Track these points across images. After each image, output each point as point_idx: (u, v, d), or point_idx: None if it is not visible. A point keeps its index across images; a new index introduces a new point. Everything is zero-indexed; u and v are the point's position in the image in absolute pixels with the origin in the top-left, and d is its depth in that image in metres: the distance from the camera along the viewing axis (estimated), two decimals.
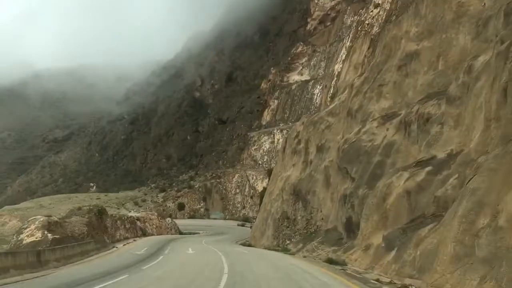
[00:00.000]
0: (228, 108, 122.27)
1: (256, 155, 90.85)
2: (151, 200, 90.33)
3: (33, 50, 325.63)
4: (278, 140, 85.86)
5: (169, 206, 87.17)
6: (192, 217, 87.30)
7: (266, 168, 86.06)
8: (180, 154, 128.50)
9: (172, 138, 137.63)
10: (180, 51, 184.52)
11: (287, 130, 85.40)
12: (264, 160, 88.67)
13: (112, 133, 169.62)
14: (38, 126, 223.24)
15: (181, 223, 77.78)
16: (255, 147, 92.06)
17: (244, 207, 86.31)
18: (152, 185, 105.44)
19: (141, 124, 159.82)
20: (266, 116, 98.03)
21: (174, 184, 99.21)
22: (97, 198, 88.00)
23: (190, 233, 59.95)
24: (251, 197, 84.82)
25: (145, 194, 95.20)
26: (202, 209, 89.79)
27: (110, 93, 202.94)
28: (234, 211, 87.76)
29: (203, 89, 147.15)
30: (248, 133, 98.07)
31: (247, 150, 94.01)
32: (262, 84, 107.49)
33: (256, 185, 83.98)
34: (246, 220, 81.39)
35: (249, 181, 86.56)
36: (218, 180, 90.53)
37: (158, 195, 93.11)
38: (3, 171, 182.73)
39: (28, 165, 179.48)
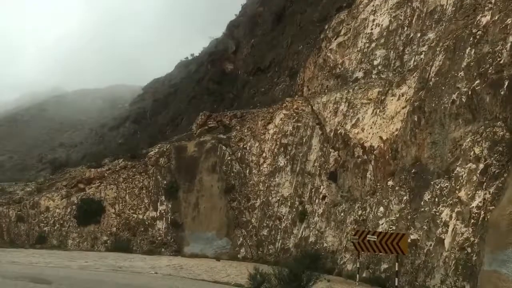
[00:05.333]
0: (273, 48, 62.75)
1: (344, 61, 27.92)
2: None
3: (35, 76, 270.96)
4: None
5: (61, 208, 25.77)
6: (125, 247, 25.63)
7: (384, 76, 23.65)
8: None
9: (181, 124, 79.52)
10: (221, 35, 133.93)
11: None
12: (377, 59, 25.34)
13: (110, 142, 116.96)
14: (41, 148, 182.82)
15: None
16: (337, 40, 29.82)
17: (314, 211, 22.09)
18: None
19: (148, 122, 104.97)
20: None
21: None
22: None
23: None
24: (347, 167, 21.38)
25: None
26: (163, 221, 26.96)
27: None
28: (270, 229, 24.52)
29: (239, 56, 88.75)
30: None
31: (314, 60, 31.88)
32: None
33: (352, 129, 21.05)
34: (314, 254, 17.78)
35: (321, 124, 24.07)
36: (220, 135, 27.83)
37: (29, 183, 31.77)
38: None
39: None
